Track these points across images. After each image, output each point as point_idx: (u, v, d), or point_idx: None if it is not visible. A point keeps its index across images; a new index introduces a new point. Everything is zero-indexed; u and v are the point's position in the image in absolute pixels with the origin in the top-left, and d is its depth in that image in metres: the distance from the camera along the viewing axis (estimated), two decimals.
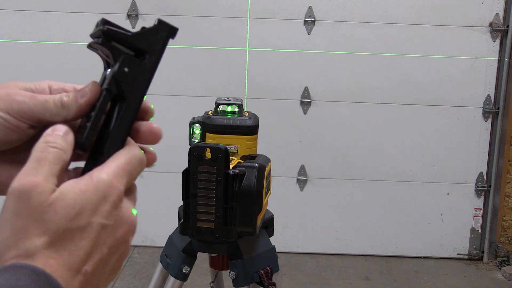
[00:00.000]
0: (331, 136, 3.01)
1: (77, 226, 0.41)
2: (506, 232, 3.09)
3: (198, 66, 2.96)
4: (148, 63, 0.49)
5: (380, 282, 2.81)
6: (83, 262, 0.42)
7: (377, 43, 2.94)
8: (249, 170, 0.99)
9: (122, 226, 0.44)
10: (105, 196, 0.43)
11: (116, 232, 0.44)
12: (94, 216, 0.42)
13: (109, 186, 0.43)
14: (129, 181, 0.46)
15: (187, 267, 1.14)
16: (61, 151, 0.43)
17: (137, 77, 0.48)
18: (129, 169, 0.46)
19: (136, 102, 0.49)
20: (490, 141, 3.02)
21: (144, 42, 0.49)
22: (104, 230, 0.43)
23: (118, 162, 0.45)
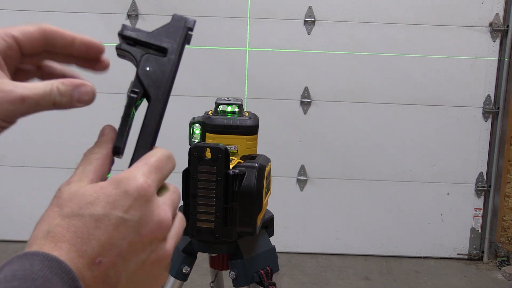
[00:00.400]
0: (331, 136, 3.01)
1: (90, 213, 0.42)
2: (506, 232, 3.09)
3: (198, 66, 2.96)
4: (169, 59, 0.49)
5: (380, 282, 2.81)
6: (97, 253, 0.41)
7: (377, 43, 2.94)
8: (249, 170, 0.99)
9: (149, 224, 0.43)
10: (126, 191, 0.43)
11: (141, 229, 0.43)
12: (113, 209, 0.42)
13: (132, 182, 0.43)
14: (160, 178, 0.45)
15: (187, 267, 1.14)
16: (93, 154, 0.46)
17: (160, 75, 0.49)
18: (157, 165, 0.45)
19: (162, 100, 0.48)
20: (490, 141, 3.02)
21: (162, 38, 0.49)
22: (124, 225, 0.42)
23: (145, 161, 0.46)
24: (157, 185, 0.45)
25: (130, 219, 0.42)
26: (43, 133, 2.99)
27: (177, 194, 0.48)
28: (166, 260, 0.46)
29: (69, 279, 0.39)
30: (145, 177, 0.44)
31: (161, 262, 0.46)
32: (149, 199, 0.43)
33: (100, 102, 3.28)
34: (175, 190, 0.48)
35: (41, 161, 3.02)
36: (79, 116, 2.84)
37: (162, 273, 0.47)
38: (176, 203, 0.48)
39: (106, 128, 0.49)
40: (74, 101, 0.47)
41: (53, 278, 0.38)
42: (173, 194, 0.47)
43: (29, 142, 3.01)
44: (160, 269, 0.46)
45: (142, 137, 0.48)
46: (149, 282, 0.46)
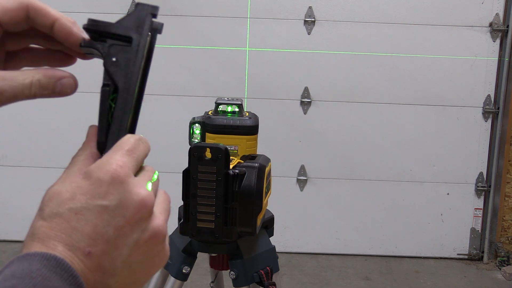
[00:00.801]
0: (331, 136, 3.01)
1: (69, 208, 0.42)
2: (506, 232, 3.09)
3: (198, 66, 2.96)
4: (135, 47, 0.48)
5: (380, 282, 2.81)
6: (86, 245, 0.41)
7: (377, 43, 2.94)
8: (249, 170, 0.99)
9: (130, 205, 0.43)
10: (99, 178, 0.42)
11: (124, 212, 0.43)
12: (90, 199, 0.42)
13: (103, 168, 0.43)
14: (133, 160, 0.45)
15: (187, 267, 1.14)
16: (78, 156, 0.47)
17: (126, 63, 0.48)
18: (128, 149, 0.45)
19: (131, 89, 0.48)
20: (490, 141, 3.02)
21: (126, 28, 0.48)
22: (105, 212, 0.42)
23: (115, 148, 0.45)
24: (131, 167, 0.44)
25: (110, 204, 0.42)
26: (43, 133, 2.99)
27: (152, 171, 0.48)
28: (161, 236, 0.45)
29: (69, 276, 0.39)
30: (116, 161, 0.43)
31: (156, 239, 0.45)
32: (124, 181, 0.43)
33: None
34: (150, 169, 0.48)
35: (41, 161, 3.02)
36: (80, 115, 2.84)
37: (161, 251, 0.46)
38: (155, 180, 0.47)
39: (89, 128, 0.48)
40: (56, 94, 0.47)
41: (52, 276, 0.38)
42: (149, 172, 0.47)
43: (29, 142, 3.01)
44: (157, 247, 0.46)
45: (112, 130, 0.47)
46: (149, 262, 0.46)
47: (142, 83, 0.50)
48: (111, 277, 0.43)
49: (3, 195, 3.08)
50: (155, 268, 0.47)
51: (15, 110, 2.97)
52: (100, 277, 0.42)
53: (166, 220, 0.46)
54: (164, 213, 0.46)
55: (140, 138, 0.47)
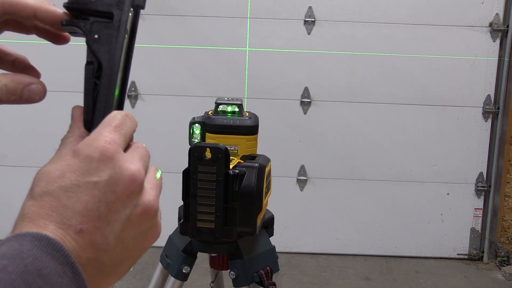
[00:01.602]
0: (331, 136, 3.01)
1: (58, 186, 0.42)
2: (506, 232, 3.09)
3: (198, 66, 2.96)
4: (116, 23, 0.48)
5: (380, 282, 2.81)
6: (77, 222, 0.41)
7: (377, 43, 2.94)
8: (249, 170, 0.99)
9: (121, 180, 0.43)
10: (87, 155, 0.42)
11: (114, 187, 0.42)
12: (80, 176, 0.42)
13: (92, 145, 0.43)
14: (121, 136, 0.45)
15: (187, 267, 1.14)
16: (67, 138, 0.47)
17: (109, 40, 0.47)
18: (115, 125, 0.45)
19: (115, 64, 0.47)
20: (490, 141, 3.02)
21: (107, 4, 0.48)
22: (95, 188, 0.42)
23: (102, 124, 0.45)
24: (119, 143, 0.44)
25: (100, 180, 0.42)
26: (43, 133, 2.99)
27: (142, 148, 0.47)
28: (152, 211, 0.45)
29: (61, 255, 0.39)
30: (104, 137, 0.43)
31: (147, 214, 0.45)
32: (113, 157, 0.43)
33: None
34: (140, 146, 0.47)
35: (41, 161, 3.00)
36: None
37: (153, 226, 0.46)
38: (144, 156, 0.47)
39: (73, 109, 0.48)
40: (23, 100, 0.46)
41: (43, 256, 0.38)
42: (139, 149, 0.47)
43: (29, 142, 3.01)
44: (150, 222, 0.45)
45: (98, 107, 0.47)
46: (142, 237, 0.46)
47: (127, 60, 0.50)
48: (104, 253, 0.43)
49: (3, 195, 3.08)
50: (147, 243, 0.47)
51: (15, 110, 2.97)
52: (93, 254, 0.42)
53: (157, 195, 0.46)
54: (155, 188, 0.46)
55: (127, 114, 0.47)
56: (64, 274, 0.39)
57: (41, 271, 0.38)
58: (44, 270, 0.38)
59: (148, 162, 0.47)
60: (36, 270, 0.37)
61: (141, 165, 0.45)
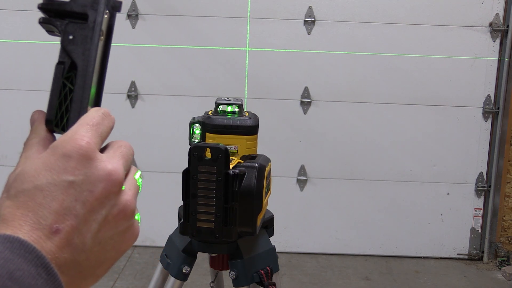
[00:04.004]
0: (331, 136, 3.01)
1: (34, 186, 0.41)
2: (506, 232, 3.09)
3: (198, 66, 2.96)
4: (91, 24, 0.48)
5: (380, 282, 2.81)
6: (53, 221, 0.41)
7: (377, 43, 2.94)
8: (249, 170, 0.99)
9: (97, 179, 0.42)
10: (64, 153, 0.42)
11: (91, 186, 0.42)
12: (56, 175, 0.41)
13: (69, 143, 0.42)
14: (97, 135, 0.44)
15: (187, 267, 1.14)
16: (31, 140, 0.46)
17: (83, 41, 0.47)
18: (92, 124, 0.44)
19: (90, 65, 0.47)
20: (490, 141, 3.02)
21: (81, 5, 0.48)
22: (72, 187, 0.41)
23: (79, 122, 0.45)
24: (96, 142, 0.44)
25: (76, 179, 0.42)
26: None
27: (125, 147, 0.47)
28: (129, 211, 0.45)
29: (34, 257, 0.39)
30: (82, 136, 0.43)
31: (125, 215, 0.45)
32: (90, 156, 0.43)
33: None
34: (123, 144, 0.47)
35: None
36: None
37: (130, 226, 0.46)
38: (126, 155, 0.46)
39: (34, 113, 0.48)
40: None
41: (15, 259, 0.38)
42: (121, 148, 0.47)
43: None
44: (127, 222, 0.45)
45: (73, 107, 0.47)
46: (119, 238, 0.45)
47: (104, 60, 0.50)
48: (82, 254, 0.42)
49: None
50: (125, 245, 0.46)
51: (15, 110, 2.97)
52: (70, 254, 0.41)
53: (135, 196, 0.46)
54: (133, 189, 0.46)
55: (104, 112, 0.46)
56: (38, 276, 0.38)
57: (13, 273, 0.37)
58: (16, 273, 0.37)
59: (130, 161, 0.47)
60: (7, 273, 0.37)
61: (121, 165, 0.45)
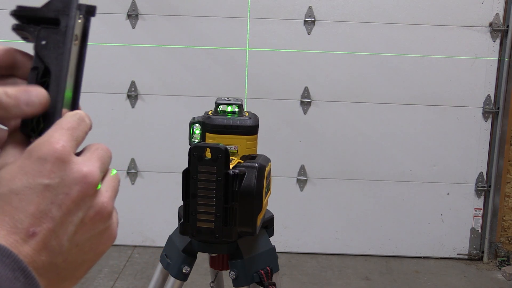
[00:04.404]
0: (331, 136, 3.01)
1: (10, 189, 0.41)
2: (506, 232, 3.09)
3: (198, 66, 2.96)
4: (63, 28, 0.47)
5: (380, 282, 2.81)
6: (29, 224, 0.41)
7: (377, 43, 2.94)
8: (249, 170, 0.99)
9: (74, 184, 0.42)
10: (39, 157, 0.42)
11: (69, 190, 0.42)
12: (31, 178, 0.41)
13: (44, 147, 0.42)
14: (73, 139, 0.44)
15: (187, 267, 1.14)
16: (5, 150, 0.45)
17: (56, 46, 0.47)
18: (68, 127, 0.44)
19: (63, 70, 0.47)
20: (490, 141, 3.02)
21: (53, 10, 0.48)
22: (47, 190, 0.42)
23: (54, 126, 0.45)
24: (71, 146, 0.44)
25: (51, 182, 0.42)
26: None
27: (102, 149, 0.47)
28: (105, 213, 0.45)
29: (11, 261, 0.39)
30: (57, 139, 0.43)
31: (101, 217, 0.45)
32: (66, 159, 0.43)
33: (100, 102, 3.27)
34: (100, 147, 0.47)
35: None
36: None
37: (107, 228, 0.46)
38: (103, 157, 0.46)
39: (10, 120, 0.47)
40: (22, 104, 0.44)
41: None
42: (98, 150, 0.46)
43: None
44: (103, 224, 0.45)
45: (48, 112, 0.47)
46: (96, 240, 0.45)
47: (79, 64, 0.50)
48: (59, 256, 0.42)
49: None
50: (103, 246, 0.46)
51: None
52: (47, 257, 0.41)
53: (112, 197, 0.46)
54: (110, 191, 0.46)
55: (80, 116, 0.46)
56: (16, 279, 0.38)
57: None
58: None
59: (108, 164, 0.47)
60: None
61: (97, 167, 0.45)
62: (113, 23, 2.89)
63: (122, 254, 2.97)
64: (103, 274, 2.73)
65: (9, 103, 0.44)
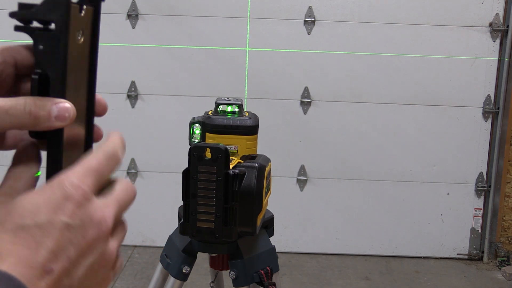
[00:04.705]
0: (331, 136, 3.01)
1: (35, 223, 0.41)
2: (506, 232, 3.09)
3: (198, 66, 2.96)
4: (57, 31, 0.45)
5: (380, 282, 2.81)
6: (48, 261, 0.41)
7: (377, 43, 2.94)
8: (249, 170, 0.99)
9: (91, 227, 0.43)
10: (66, 195, 0.42)
11: (85, 233, 0.43)
12: (56, 215, 0.42)
13: (72, 185, 0.43)
14: (98, 179, 0.45)
15: (187, 267, 1.14)
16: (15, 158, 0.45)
17: (52, 50, 0.45)
18: (96, 168, 0.45)
19: (60, 75, 0.45)
20: (490, 141, 3.02)
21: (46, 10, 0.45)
22: (68, 230, 0.42)
23: (85, 162, 0.45)
24: (96, 186, 0.44)
25: (73, 223, 0.42)
26: None
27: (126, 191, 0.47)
28: (111, 261, 0.46)
29: None
30: (82, 180, 0.43)
31: (107, 264, 0.46)
32: (88, 202, 0.43)
33: None
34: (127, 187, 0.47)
35: None
36: None
37: (108, 275, 0.47)
38: (123, 201, 0.47)
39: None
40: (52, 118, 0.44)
41: None
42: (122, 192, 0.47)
43: None
44: (106, 271, 0.46)
45: None
46: (96, 283, 0.46)
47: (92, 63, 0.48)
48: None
49: None
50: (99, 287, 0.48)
51: None
52: None
53: (118, 247, 0.47)
54: (116, 240, 0.47)
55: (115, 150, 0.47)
56: None
57: None
58: None
59: (127, 207, 0.48)
60: None
61: (112, 214, 0.45)
62: (113, 23, 2.89)
63: (122, 254, 2.97)
64: None
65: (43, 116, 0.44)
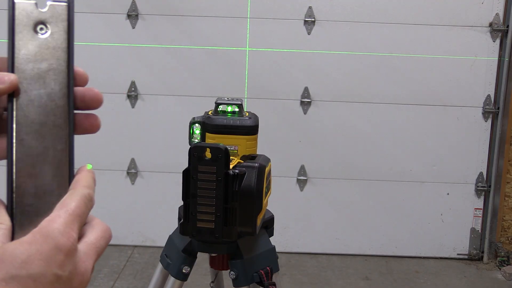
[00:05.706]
0: (331, 136, 3.01)
1: (27, 274, 0.42)
2: (506, 232, 3.09)
3: (198, 66, 2.96)
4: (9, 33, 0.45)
5: (380, 282, 2.81)
6: None
7: (377, 43, 2.94)
8: (249, 170, 0.99)
9: (76, 279, 0.44)
10: (57, 245, 0.43)
11: (70, 283, 0.44)
12: (48, 266, 0.42)
13: (62, 235, 0.43)
14: (80, 224, 0.46)
15: (187, 267, 1.14)
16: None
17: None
18: (79, 213, 0.45)
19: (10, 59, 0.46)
20: (490, 141, 3.02)
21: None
22: (58, 281, 0.43)
23: (67, 208, 0.45)
24: (78, 232, 0.45)
25: (63, 274, 0.43)
26: None
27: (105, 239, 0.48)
28: None
29: None
30: (70, 228, 0.44)
31: None
32: (74, 253, 0.44)
33: None
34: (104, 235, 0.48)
35: None
36: None
37: None
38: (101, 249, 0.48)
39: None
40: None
41: None
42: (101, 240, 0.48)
43: None
44: None
45: None
46: None
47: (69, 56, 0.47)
48: None
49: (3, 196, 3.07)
50: None
51: None
52: None
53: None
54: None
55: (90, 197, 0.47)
56: None
57: None
58: None
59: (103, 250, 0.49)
60: None
61: (91, 265, 0.46)
62: (113, 23, 2.89)
63: (122, 254, 2.97)
64: (103, 274, 2.73)
65: None
